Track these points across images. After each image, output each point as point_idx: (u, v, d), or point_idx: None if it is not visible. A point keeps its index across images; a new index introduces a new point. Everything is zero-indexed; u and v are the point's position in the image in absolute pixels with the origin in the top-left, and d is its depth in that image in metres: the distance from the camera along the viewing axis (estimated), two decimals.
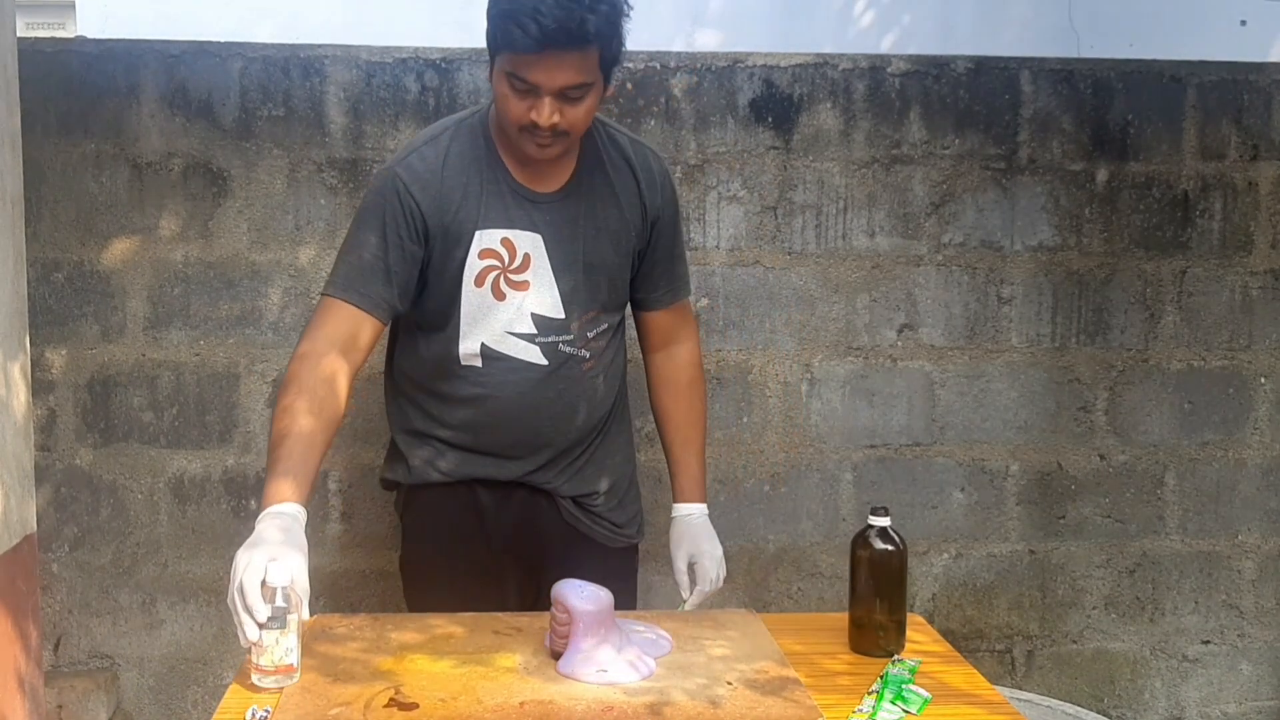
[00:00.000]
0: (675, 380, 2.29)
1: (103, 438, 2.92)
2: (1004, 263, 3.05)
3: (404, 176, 2.00)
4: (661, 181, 2.15)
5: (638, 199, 2.11)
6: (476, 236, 2.01)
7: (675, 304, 2.25)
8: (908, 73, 3.00)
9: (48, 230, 2.87)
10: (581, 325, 2.08)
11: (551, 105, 1.88)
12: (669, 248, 2.19)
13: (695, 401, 2.31)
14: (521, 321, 2.04)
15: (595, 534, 2.21)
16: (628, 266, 2.14)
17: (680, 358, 2.29)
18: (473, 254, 2.01)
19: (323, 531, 2.97)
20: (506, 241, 2.02)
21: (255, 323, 2.93)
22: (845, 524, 3.03)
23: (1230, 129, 3.06)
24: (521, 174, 2.03)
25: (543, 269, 2.04)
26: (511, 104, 1.90)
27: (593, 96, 1.92)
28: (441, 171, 2.01)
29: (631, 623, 1.90)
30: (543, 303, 2.05)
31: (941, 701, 1.75)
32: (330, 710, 1.65)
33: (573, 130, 1.93)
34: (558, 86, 1.87)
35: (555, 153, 1.97)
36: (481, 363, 2.06)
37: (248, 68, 2.88)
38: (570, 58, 1.85)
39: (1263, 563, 3.18)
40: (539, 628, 1.92)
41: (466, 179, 2.01)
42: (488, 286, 2.03)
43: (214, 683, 2.97)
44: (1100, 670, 3.17)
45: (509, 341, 2.05)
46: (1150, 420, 3.12)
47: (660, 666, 1.80)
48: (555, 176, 2.05)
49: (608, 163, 2.09)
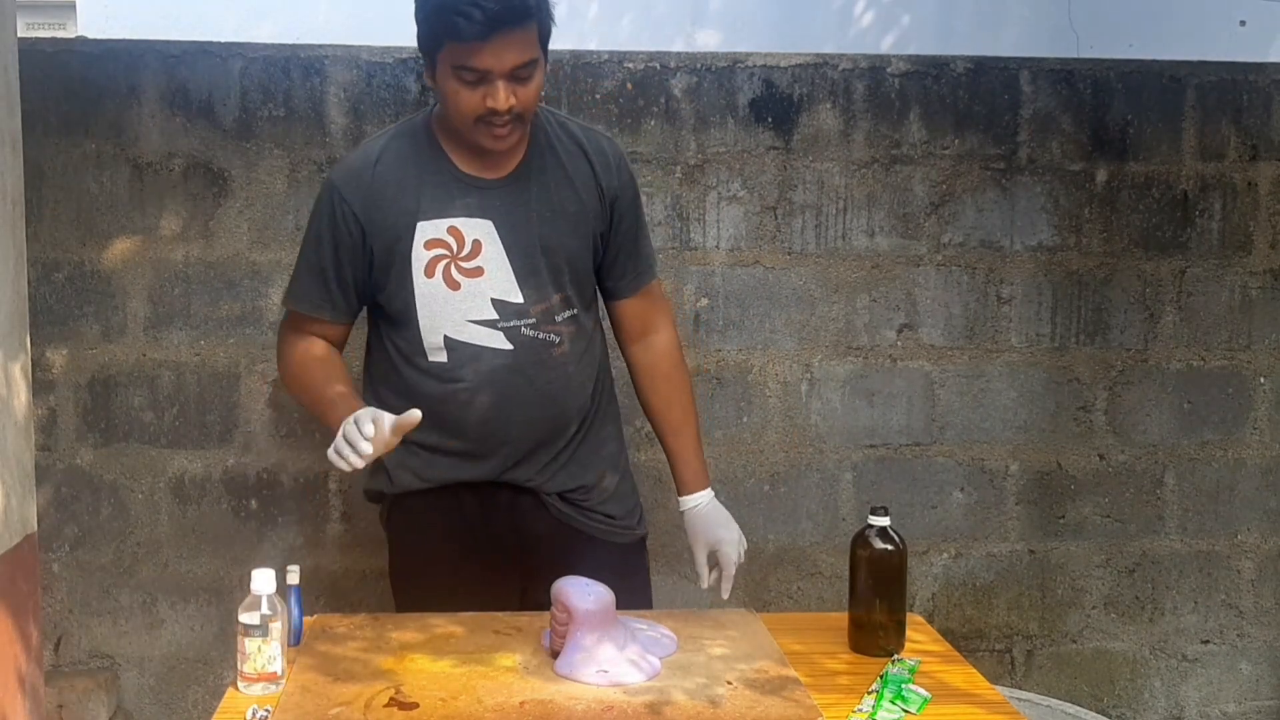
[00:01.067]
0: (655, 369, 2.26)
1: (103, 437, 2.93)
2: (1004, 263, 3.05)
3: (336, 180, 2.07)
4: (617, 163, 2.14)
5: (593, 180, 2.10)
6: (419, 228, 2.02)
7: (643, 288, 2.23)
8: (907, 73, 3.00)
9: (48, 230, 2.87)
10: (546, 310, 2.06)
11: (506, 88, 1.90)
12: (631, 231, 2.18)
13: (680, 388, 2.28)
14: (481, 308, 2.03)
15: (592, 529, 2.18)
16: (589, 250, 2.12)
17: (658, 346, 2.26)
18: (417, 245, 2.02)
19: (323, 531, 2.98)
20: (453, 230, 2.03)
21: (256, 323, 2.93)
22: (845, 524, 3.04)
23: (1230, 129, 3.06)
24: (468, 164, 2.04)
25: (495, 254, 2.03)
26: (463, 97, 1.92)
27: (539, 74, 1.95)
28: (374, 169, 2.04)
29: (634, 621, 1.90)
30: (499, 287, 2.04)
31: (941, 701, 1.76)
32: (330, 710, 1.65)
33: (526, 112, 1.95)
34: (508, 68, 1.89)
35: (513, 140, 1.98)
36: (447, 356, 2.05)
37: (248, 68, 2.88)
38: (515, 36, 1.88)
39: (1262, 562, 3.18)
40: (539, 627, 1.92)
41: (403, 174, 2.03)
42: (439, 276, 2.03)
43: (214, 683, 2.97)
44: (1100, 670, 3.17)
45: (470, 330, 2.04)
46: (1150, 420, 3.12)
47: (662, 666, 1.81)
48: (503, 163, 2.05)
49: (559, 147, 2.09)
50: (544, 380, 2.07)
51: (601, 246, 2.14)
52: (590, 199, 2.10)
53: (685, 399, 2.29)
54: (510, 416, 2.07)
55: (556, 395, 2.09)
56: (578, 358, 2.12)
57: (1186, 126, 3.06)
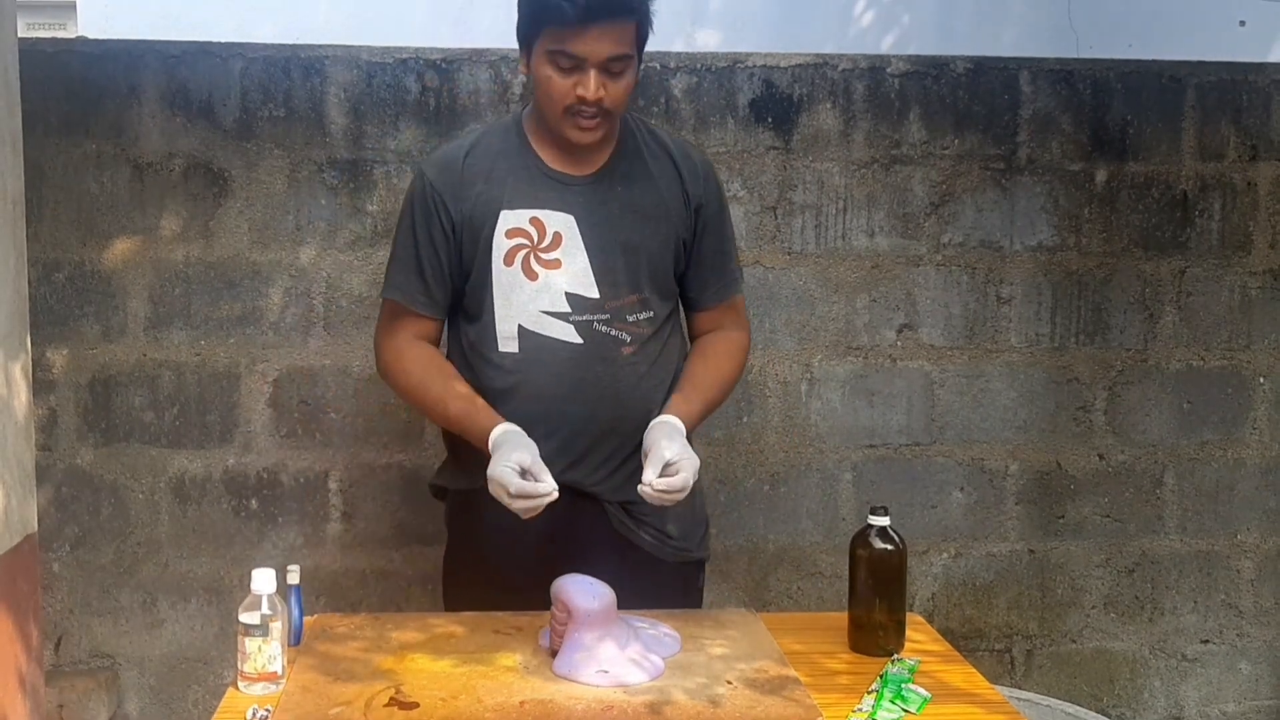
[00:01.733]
0: (708, 342, 2.19)
1: (104, 437, 2.93)
2: (1003, 263, 3.05)
3: (427, 170, 2.11)
4: (704, 172, 2.16)
5: (678, 184, 2.12)
6: (502, 216, 2.05)
7: (725, 301, 2.21)
8: (907, 73, 3.00)
9: (49, 230, 2.87)
10: (620, 308, 2.07)
11: (597, 79, 1.94)
12: (716, 243, 2.18)
13: (722, 360, 2.17)
14: (556, 300, 2.05)
15: (645, 544, 2.12)
16: (669, 254, 2.12)
17: (722, 334, 2.20)
18: (499, 233, 2.05)
19: (323, 531, 2.98)
20: (535, 220, 2.05)
21: (256, 323, 2.93)
22: (845, 524, 3.04)
23: (1229, 129, 3.07)
24: (555, 160, 2.08)
25: (575, 248, 2.05)
26: (555, 84, 1.96)
27: (631, 72, 1.99)
28: (464, 161, 2.08)
29: (636, 619, 1.90)
30: (576, 281, 2.05)
31: (941, 701, 1.76)
32: (330, 710, 1.65)
33: (614, 108, 1.99)
34: (602, 57, 1.93)
35: (599, 134, 2.01)
36: (518, 346, 2.06)
37: (248, 68, 2.88)
38: (612, 29, 1.92)
39: (1261, 562, 3.18)
40: (539, 627, 1.92)
41: (492, 165, 2.08)
42: (517, 265, 2.05)
43: (214, 683, 2.97)
44: (1099, 670, 3.17)
45: (544, 321, 2.05)
46: (1149, 420, 3.12)
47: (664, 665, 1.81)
48: (590, 162, 2.08)
49: (646, 152, 2.12)
50: (610, 378, 2.06)
51: (684, 254, 2.15)
52: (675, 204, 2.11)
53: (720, 370, 2.16)
54: (571, 411, 2.05)
55: (621, 395, 2.07)
56: (649, 360, 2.10)
57: (1186, 126, 3.06)
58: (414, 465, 2.97)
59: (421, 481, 2.96)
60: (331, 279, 2.93)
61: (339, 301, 2.93)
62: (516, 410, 2.03)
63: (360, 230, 2.92)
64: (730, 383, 2.19)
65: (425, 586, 3.00)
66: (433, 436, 2.97)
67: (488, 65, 2.92)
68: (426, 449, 2.96)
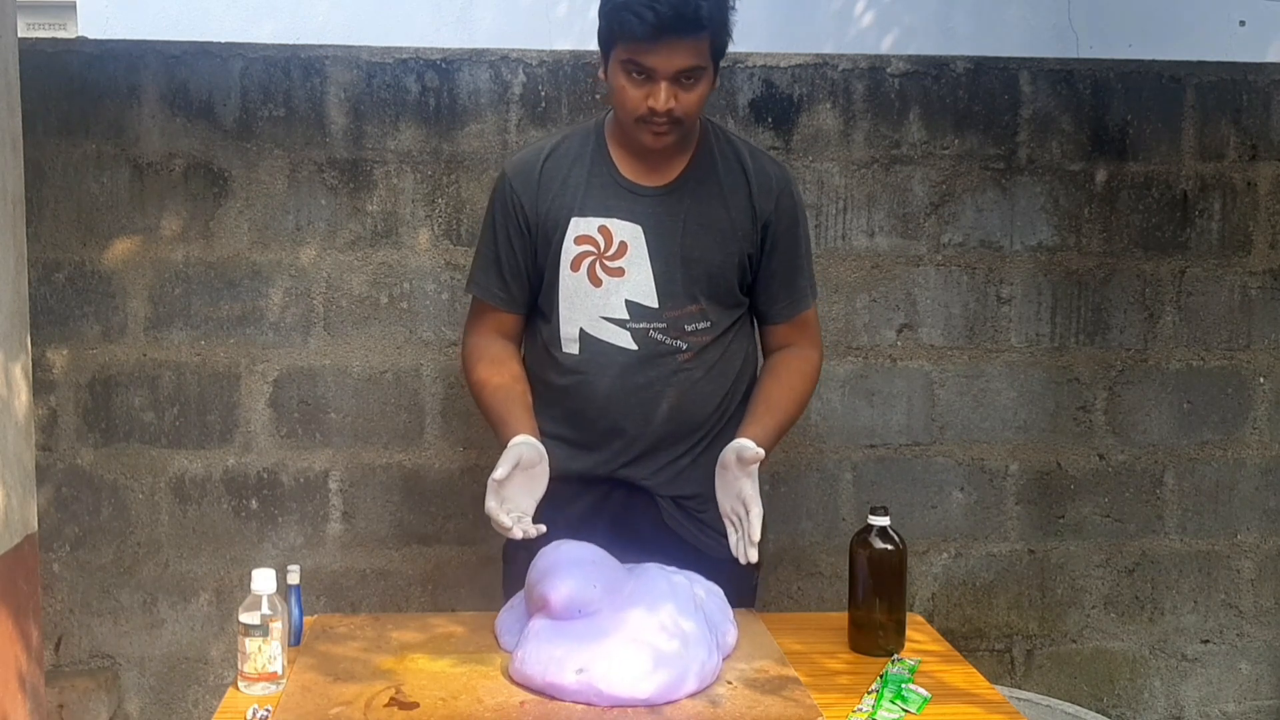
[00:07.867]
0: (779, 361, 2.21)
1: (104, 438, 2.93)
2: (1003, 263, 3.05)
3: (508, 171, 2.16)
4: (779, 189, 2.14)
5: (747, 200, 2.12)
6: (572, 223, 2.09)
7: (795, 318, 2.22)
8: (907, 73, 3.00)
9: (49, 230, 2.87)
10: (678, 317, 2.10)
11: (668, 90, 1.96)
12: (788, 260, 2.17)
13: (794, 378, 2.19)
14: (617, 307, 2.09)
15: (696, 541, 2.14)
16: (733, 266, 2.12)
17: (793, 353, 2.22)
18: (568, 239, 2.09)
19: (323, 531, 2.98)
20: (604, 229, 2.09)
21: (256, 323, 2.93)
22: (845, 523, 3.04)
23: (1229, 129, 3.07)
24: (630, 169, 2.10)
25: (639, 258, 2.08)
26: (629, 93, 1.99)
27: (704, 83, 2.00)
28: (542, 164, 2.13)
29: (673, 571, 1.90)
30: (637, 290, 2.09)
31: (941, 701, 1.76)
32: (331, 710, 1.66)
33: (686, 118, 2.01)
34: (673, 70, 1.95)
35: (670, 141, 2.04)
36: (579, 349, 2.11)
37: (248, 68, 2.88)
38: (684, 43, 1.94)
39: (1261, 562, 3.18)
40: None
41: (569, 172, 2.12)
42: (583, 272, 2.09)
43: (214, 682, 2.97)
44: (1099, 670, 3.17)
45: (604, 327, 2.09)
46: (1149, 420, 3.12)
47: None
48: (664, 172, 2.10)
49: (720, 163, 2.13)
50: (663, 384, 2.09)
51: (751, 269, 2.16)
52: (741, 218, 2.12)
53: (792, 389, 2.18)
54: (625, 414, 2.10)
55: (677, 401, 2.10)
56: (706, 366, 2.12)
57: (1186, 126, 3.06)
58: (414, 465, 2.97)
59: (422, 481, 2.98)
60: (331, 279, 2.93)
61: (339, 301, 2.94)
62: (575, 409, 2.12)
63: (360, 230, 2.92)
64: (802, 401, 2.23)
65: (425, 586, 3.00)
66: (433, 436, 2.97)
67: (488, 65, 2.92)
68: (427, 449, 2.97)
